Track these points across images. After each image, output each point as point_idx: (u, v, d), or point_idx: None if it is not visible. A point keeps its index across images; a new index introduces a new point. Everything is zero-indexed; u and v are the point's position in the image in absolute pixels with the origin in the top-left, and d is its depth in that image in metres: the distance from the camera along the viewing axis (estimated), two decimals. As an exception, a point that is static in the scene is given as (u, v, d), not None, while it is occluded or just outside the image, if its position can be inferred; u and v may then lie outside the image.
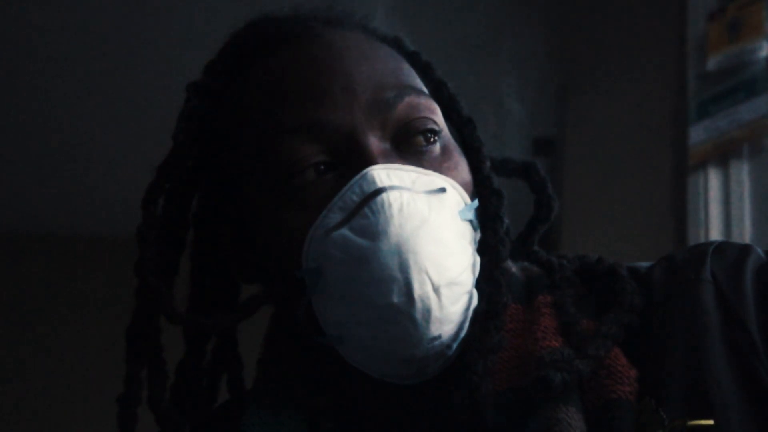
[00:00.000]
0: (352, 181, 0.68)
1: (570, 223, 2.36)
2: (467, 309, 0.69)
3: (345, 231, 0.67)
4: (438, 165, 0.72)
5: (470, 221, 0.71)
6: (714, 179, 1.86)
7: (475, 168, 0.75)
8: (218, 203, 0.79)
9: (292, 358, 0.77)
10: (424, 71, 0.79)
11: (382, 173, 0.68)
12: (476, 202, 0.72)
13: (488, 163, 0.76)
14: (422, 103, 0.73)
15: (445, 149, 0.73)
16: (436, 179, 0.70)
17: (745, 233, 1.78)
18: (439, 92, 0.79)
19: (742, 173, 1.82)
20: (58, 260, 3.90)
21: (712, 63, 1.90)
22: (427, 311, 0.66)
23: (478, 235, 0.72)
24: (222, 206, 0.78)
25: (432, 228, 0.67)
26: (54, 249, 3.89)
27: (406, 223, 0.66)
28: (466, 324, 0.69)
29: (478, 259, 0.71)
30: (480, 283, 0.70)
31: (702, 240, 1.83)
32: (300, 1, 0.80)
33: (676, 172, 2.02)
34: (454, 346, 0.68)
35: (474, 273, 0.70)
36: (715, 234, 1.82)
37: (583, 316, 0.72)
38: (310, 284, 0.68)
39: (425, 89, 0.76)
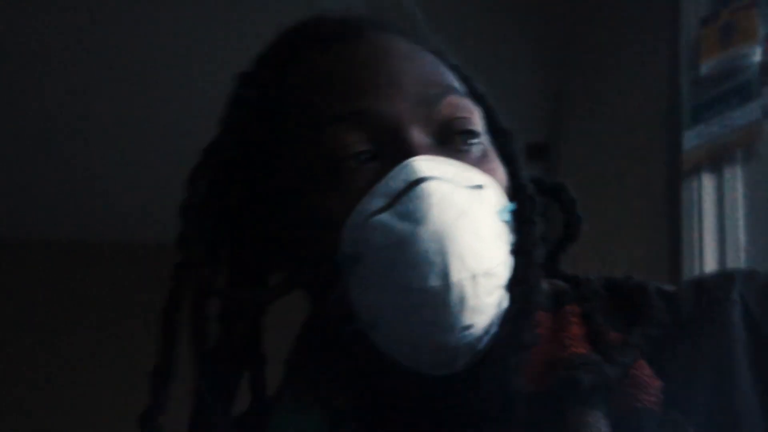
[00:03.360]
0: (396, 170, 0.69)
1: (564, 229, 2.36)
2: (500, 304, 0.69)
3: (386, 216, 0.68)
4: (477, 165, 0.73)
5: (506, 223, 0.72)
6: (708, 184, 1.86)
7: (512, 176, 0.76)
8: (258, 189, 0.80)
9: (320, 356, 0.77)
10: (465, 82, 0.80)
11: (424, 164, 0.69)
12: (513, 205, 0.73)
13: (525, 173, 0.78)
14: (464, 104, 0.75)
15: (484, 152, 0.75)
16: (477, 176, 0.71)
17: (738, 238, 1.78)
18: (479, 103, 0.79)
19: (736, 178, 1.82)
20: (63, 266, 3.90)
21: (706, 68, 1.90)
22: (462, 298, 0.66)
23: (512, 239, 0.73)
24: (261, 192, 0.79)
25: (471, 220, 0.67)
26: (59, 255, 3.89)
27: (446, 212, 0.67)
28: (498, 320, 0.69)
29: (511, 260, 0.71)
30: (512, 285, 0.70)
31: (696, 245, 1.83)
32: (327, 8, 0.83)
33: (669, 178, 2.01)
34: (485, 339, 0.68)
35: (508, 271, 0.71)
36: (709, 239, 1.82)
37: (610, 327, 0.73)
38: (346, 270, 0.69)
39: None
